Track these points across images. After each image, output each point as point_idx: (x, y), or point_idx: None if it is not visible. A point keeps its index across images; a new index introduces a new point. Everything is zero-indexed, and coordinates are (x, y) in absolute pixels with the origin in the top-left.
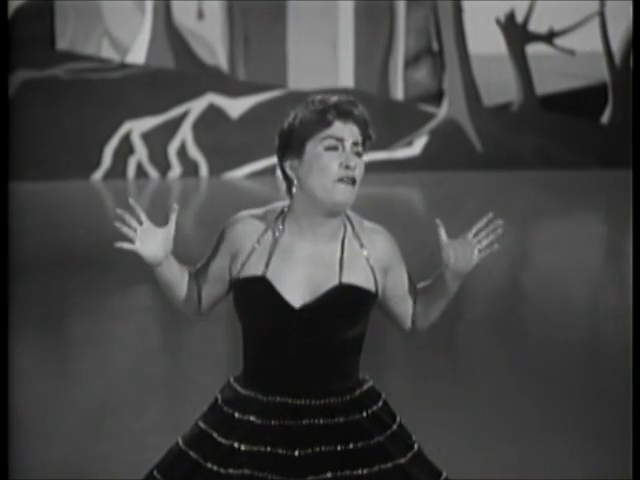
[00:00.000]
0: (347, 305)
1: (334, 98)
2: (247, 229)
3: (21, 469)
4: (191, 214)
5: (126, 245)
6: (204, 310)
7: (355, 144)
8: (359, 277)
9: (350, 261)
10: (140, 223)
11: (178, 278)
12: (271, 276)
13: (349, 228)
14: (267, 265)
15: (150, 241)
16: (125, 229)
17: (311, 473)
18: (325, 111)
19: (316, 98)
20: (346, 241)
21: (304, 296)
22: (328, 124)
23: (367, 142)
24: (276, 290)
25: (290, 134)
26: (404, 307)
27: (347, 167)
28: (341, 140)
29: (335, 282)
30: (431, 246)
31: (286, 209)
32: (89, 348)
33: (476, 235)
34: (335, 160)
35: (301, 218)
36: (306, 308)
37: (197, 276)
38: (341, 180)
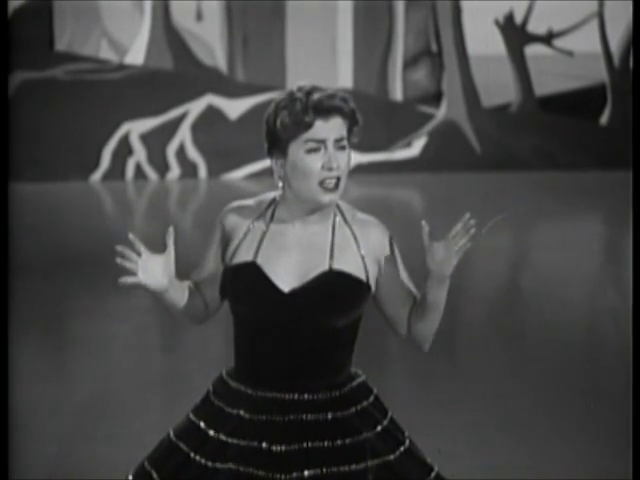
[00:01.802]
0: (336, 291)
1: (315, 95)
2: (237, 219)
3: (21, 469)
4: (190, 215)
5: (130, 279)
6: (212, 313)
7: (338, 140)
8: (349, 264)
9: (340, 248)
10: (139, 254)
11: (183, 297)
12: (261, 261)
13: (339, 216)
14: (257, 251)
15: (152, 270)
16: (127, 264)
17: (297, 469)
18: (304, 113)
19: (297, 95)
20: (337, 228)
21: (294, 281)
22: (308, 126)
23: (355, 128)
24: (266, 275)
25: (273, 135)
26: (400, 306)
27: (330, 169)
28: (323, 141)
29: (325, 268)
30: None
31: (277, 198)
32: (88, 348)
33: (454, 237)
34: (317, 162)
35: (292, 207)
36: (295, 293)
37: (198, 284)
38: (324, 183)
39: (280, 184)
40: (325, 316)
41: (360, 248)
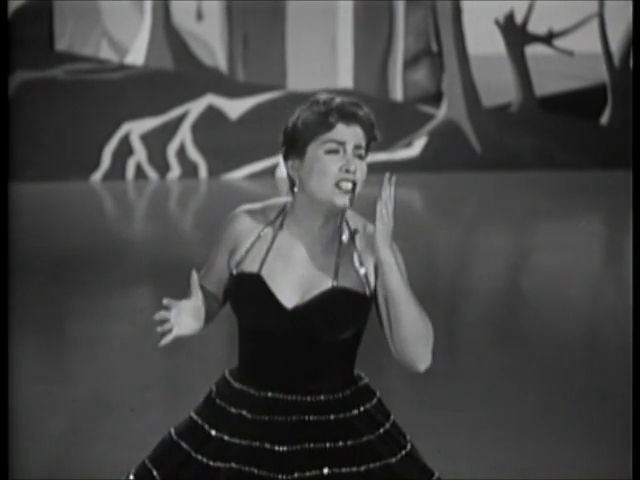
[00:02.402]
0: (340, 309)
1: (338, 100)
2: (245, 225)
3: (21, 469)
4: (190, 215)
5: (169, 339)
6: (215, 313)
7: (357, 147)
8: (353, 280)
9: (345, 264)
10: (169, 309)
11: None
12: (266, 274)
13: (347, 232)
14: (263, 263)
15: (185, 322)
16: (164, 327)
17: (298, 470)
18: (328, 113)
19: (321, 98)
20: (343, 243)
21: (297, 297)
22: (330, 127)
23: (371, 143)
24: (269, 289)
25: (293, 135)
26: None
27: (347, 171)
28: (342, 144)
29: (329, 285)
30: (430, 248)
31: (287, 207)
32: (88, 349)
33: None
34: (335, 164)
35: (301, 218)
36: (298, 309)
37: (206, 287)
38: (340, 185)
39: (294, 189)
40: (327, 332)
41: (364, 262)
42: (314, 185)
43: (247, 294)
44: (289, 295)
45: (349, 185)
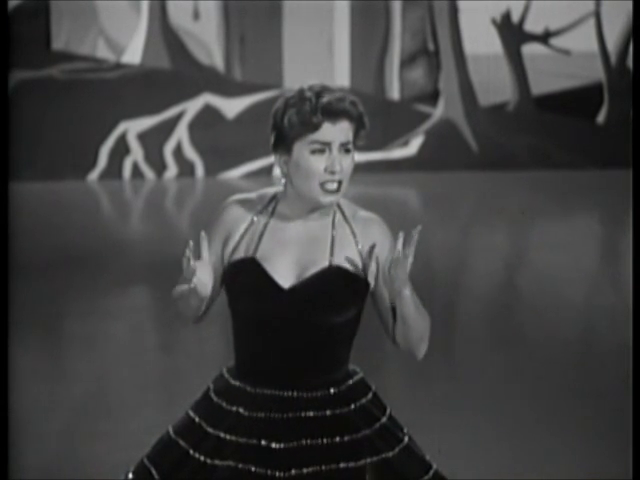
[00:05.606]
0: (335, 288)
1: (325, 98)
2: (238, 213)
3: (21, 469)
4: (187, 214)
5: (192, 285)
6: (210, 306)
7: (344, 143)
8: (350, 262)
9: (340, 245)
10: (198, 258)
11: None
12: (261, 257)
13: (339, 213)
14: (257, 247)
15: (203, 277)
16: (188, 265)
17: (296, 466)
18: (312, 113)
19: (307, 94)
20: (337, 226)
21: (293, 277)
22: (315, 128)
23: (362, 132)
24: (265, 271)
25: (280, 131)
26: (387, 308)
27: (332, 172)
28: (328, 144)
29: (324, 264)
30: (427, 247)
31: (279, 194)
32: (87, 347)
33: (401, 254)
34: (321, 164)
35: (293, 203)
36: (295, 289)
37: None
38: (325, 185)
39: (282, 180)
40: (324, 313)
41: (359, 245)
42: (300, 183)
43: (243, 279)
44: (285, 276)
45: (334, 185)
